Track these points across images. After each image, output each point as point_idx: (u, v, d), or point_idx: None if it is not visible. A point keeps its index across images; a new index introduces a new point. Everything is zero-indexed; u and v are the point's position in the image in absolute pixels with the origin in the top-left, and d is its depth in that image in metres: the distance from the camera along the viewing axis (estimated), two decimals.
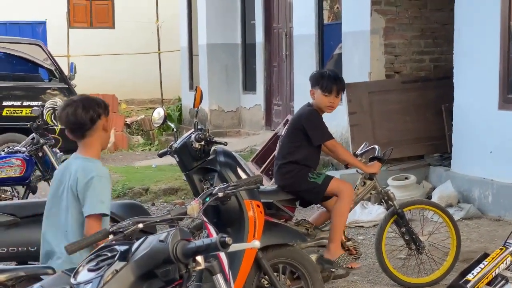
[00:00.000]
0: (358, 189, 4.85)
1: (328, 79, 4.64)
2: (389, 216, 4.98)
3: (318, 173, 4.67)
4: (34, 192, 6.07)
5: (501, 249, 3.15)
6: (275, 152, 4.83)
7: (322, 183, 4.56)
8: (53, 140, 6.11)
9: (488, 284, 3.08)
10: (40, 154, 5.93)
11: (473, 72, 7.07)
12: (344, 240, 4.70)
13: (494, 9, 6.72)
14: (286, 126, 4.78)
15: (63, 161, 7.12)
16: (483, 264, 3.10)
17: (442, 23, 8.43)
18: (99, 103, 3.21)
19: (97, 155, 3.25)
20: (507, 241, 3.18)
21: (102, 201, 3.09)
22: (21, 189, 6.17)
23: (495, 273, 3.09)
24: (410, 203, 5.19)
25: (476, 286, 3.04)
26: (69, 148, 9.99)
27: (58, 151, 6.33)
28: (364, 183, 4.85)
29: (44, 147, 5.89)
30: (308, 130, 4.56)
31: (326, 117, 4.80)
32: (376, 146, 5.00)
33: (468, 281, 3.04)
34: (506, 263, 3.10)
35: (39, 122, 6.07)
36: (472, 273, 3.08)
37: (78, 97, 3.27)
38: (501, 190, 6.68)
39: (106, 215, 3.12)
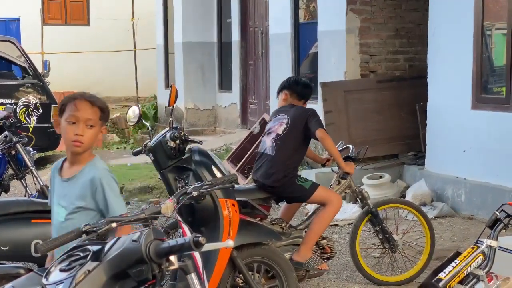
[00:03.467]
0: (333, 188, 4.88)
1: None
2: (364, 215, 5.01)
3: (304, 178, 4.73)
4: (6, 191, 6.00)
5: (472, 247, 3.18)
6: (263, 151, 4.70)
7: (309, 188, 4.62)
8: (26, 138, 6.03)
9: (460, 282, 3.11)
10: (13, 152, 5.85)
11: (447, 72, 7.14)
12: (319, 239, 4.72)
13: (468, 10, 6.79)
14: (283, 128, 4.68)
15: (36, 159, 7.05)
16: (455, 262, 3.12)
17: (416, 23, 8.50)
18: None
19: None
20: (479, 239, 3.21)
21: None
22: None
23: (467, 271, 3.12)
24: (385, 202, 5.22)
25: (448, 285, 3.06)
26: (42, 146, 9.99)
27: (31, 149, 6.26)
28: (339, 181, 4.89)
29: (17, 145, 5.80)
30: (309, 120, 4.65)
31: None
32: (350, 146, 5.04)
33: (440, 280, 3.07)
34: (477, 262, 3.13)
35: (12, 120, 5.99)
36: (444, 272, 3.10)
37: None
38: (474, 189, 6.75)
39: None
